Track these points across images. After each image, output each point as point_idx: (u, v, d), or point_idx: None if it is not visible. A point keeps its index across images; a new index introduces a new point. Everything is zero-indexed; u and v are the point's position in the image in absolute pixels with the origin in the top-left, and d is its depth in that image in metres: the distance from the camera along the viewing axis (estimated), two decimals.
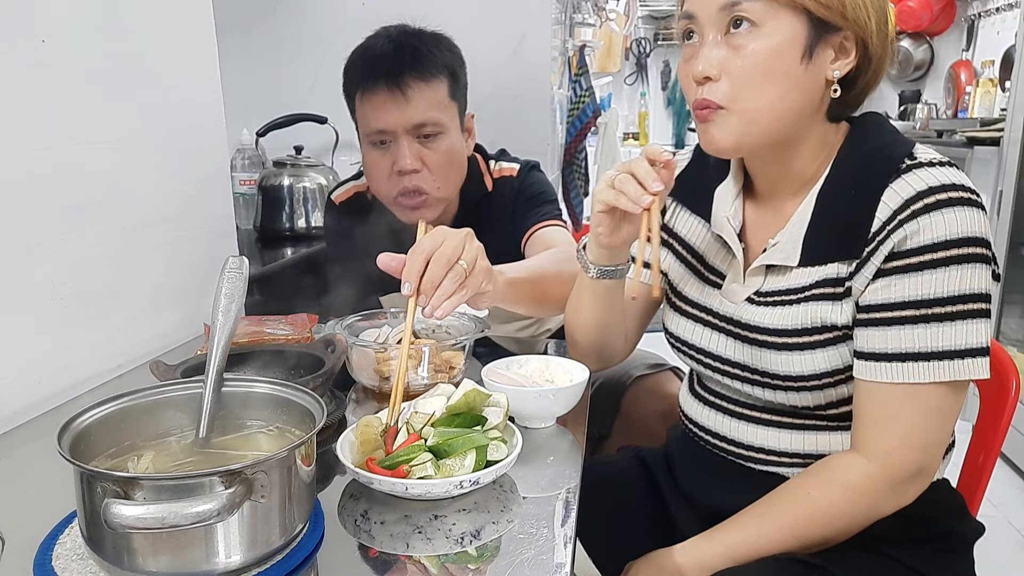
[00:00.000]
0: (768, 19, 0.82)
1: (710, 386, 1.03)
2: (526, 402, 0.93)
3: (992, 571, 2.03)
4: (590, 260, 1.01)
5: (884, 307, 0.82)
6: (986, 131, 3.03)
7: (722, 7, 0.83)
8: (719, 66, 0.84)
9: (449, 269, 0.90)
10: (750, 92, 0.84)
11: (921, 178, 0.82)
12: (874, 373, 0.83)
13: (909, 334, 0.81)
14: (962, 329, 0.80)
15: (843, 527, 0.87)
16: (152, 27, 1.21)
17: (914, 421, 0.82)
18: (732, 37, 0.84)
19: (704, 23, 0.85)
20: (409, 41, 1.33)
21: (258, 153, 2.10)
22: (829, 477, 0.86)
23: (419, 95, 1.30)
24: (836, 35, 0.84)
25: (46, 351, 1.03)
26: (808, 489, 0.87)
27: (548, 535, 0.73)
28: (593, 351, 1.10)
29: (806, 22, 0.82)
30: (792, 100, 0.85)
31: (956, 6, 4.57)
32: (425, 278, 0.89)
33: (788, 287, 0.90)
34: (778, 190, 0.94)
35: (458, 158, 1.38)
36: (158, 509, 0.57)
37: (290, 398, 0.75)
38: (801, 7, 0.82)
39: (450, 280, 0.90)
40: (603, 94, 4.96)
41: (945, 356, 0.80)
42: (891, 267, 0.81)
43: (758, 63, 0.83)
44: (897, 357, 0.81)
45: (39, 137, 1.00)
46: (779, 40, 0.82)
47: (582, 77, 3.08)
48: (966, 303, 0.79)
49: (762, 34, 0.82)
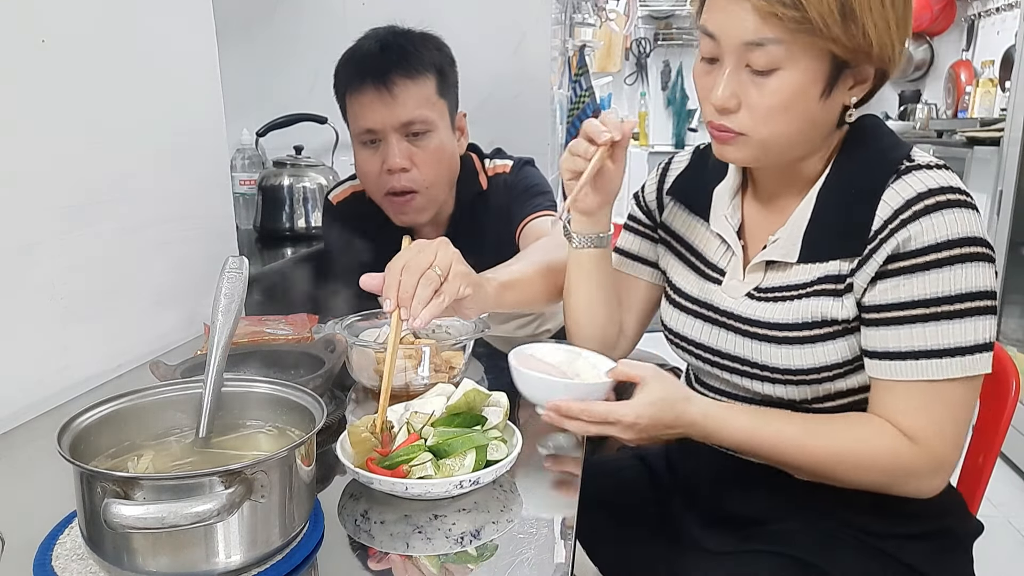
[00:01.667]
0: (790, 61, 0.82)
1: (707, 382, 1.03)
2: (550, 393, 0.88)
3: (992, 571, 2.02)
4: (573, 230, 1.04)
5: (894, 307, 0.83)
6: (986, 131, 3.04)
7: (746, 43, 0.82)
8: (739, 97, 0.85)
9: (421, 276, 0.89)
10: (769, 127, 0.85)
11: (920, 180, 0.83)
12: (890, 371, 0.84)
13: (920, 332, 0.82)
14: (971, 325, 0.81)
15: (865, 480, 0.87)
16: (152, 27, 1.21)
17: (944, 413, 0.83)
18: (754, 72, 0.83)
19: (726, 50, 0.84)
20: (396, 40, 1.34)
21: (258, 153, 2.10)
22: (883, 433, 0.85)
23: (406, 93, 1.30)
24: (857, 68, 0.85)
25: (46, 351, 1.03)
26: (857, 433, 0.86)
27: (548, 535, 0.73)
28: (592, 338, 1.10)
29: (829, 61, 0.82)
30: (809, 131, 0.87)
31: (956, 6, 4.57)
32: (400, 289, 0.89)
33: (788, 283, 0.91)
34: (779, 190, 0.96)
35: (448, 156, 1.38)
36: (158, 509, 0.57)
37: (290, 398, 0.75)
38: (827, 51, 0.81)
39: (423, 287, 0.88)
40: (603, 94, 4.96)
41: (956, 352, 0.81)
42: (896, 268, 0.83)
43: (778, 102, 0.83)
44: (911, 355, 0.82)
45: (39, 137, 1.00)
46: (801, 80, 0.82)
47: (582, 77, 3.08)
48: (973, 300, 0.81)
49: (784, 74, 0.82)
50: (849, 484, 0.88)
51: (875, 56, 0.83)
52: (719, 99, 0.85)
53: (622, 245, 1.14)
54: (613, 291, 1.09)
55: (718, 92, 0.85)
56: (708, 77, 0.88)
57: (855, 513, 0.92)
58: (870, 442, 0.85)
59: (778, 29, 0.80)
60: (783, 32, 0.80)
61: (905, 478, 0.86)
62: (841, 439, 0.86)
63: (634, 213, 1.13)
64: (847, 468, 0.87)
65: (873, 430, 0.85)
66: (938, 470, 0.85)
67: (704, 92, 0.89)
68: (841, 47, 0.81)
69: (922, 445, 0.83)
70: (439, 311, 0.90)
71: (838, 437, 0.86)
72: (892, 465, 0.85)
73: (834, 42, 0.80)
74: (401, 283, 0.89)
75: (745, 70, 0.84)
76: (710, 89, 0.87)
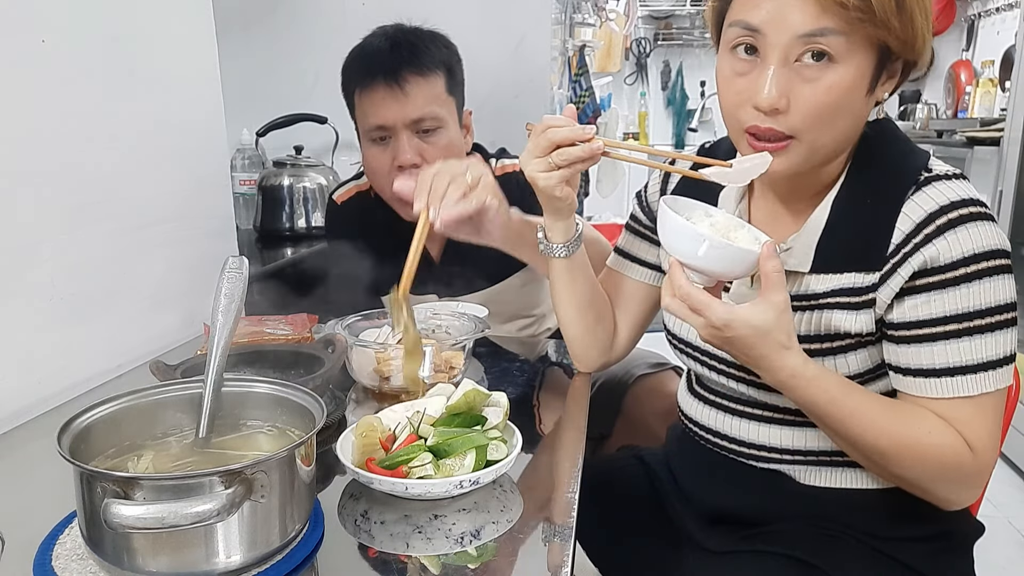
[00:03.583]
0: (846, 55, 0.78)
1: (710, 385, 1.02)
2: (692, 244, 0.80)
3: (992, 571, 2.03)
4: (555, 241, 1.01)
5: (925, 323, 0.81)
6: (986, 131, 3.04)
7: (801, 35, 0.77)
8: (787, 97, 0.79)
9: (452, 179, 0.96)
10: (820, 126, 0.80)
11: (941, 192, 0.82)
12: (923, 389, 0.83)
13: (955, 348, 0.80)
14: (1001, 338, 0.80)
15: (919, 474, 0.84)
16: (152, 27, 1.21)
17: (989, 424, 0.82)
18: (805, 67, 0.79)
19: (774, 44, 0.79)
20: (406, 38, 1.34)
21: (258, 153, 2.10)
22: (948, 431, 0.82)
23: (417, 90, 1.31)
24: (895, 62, 0.83)
25: (46, 351, 1.03)
26: (930, 427, 0.82)
27: (548, 535, 0.73)
28: (591, 342, 1.09)
29: (877, 55, 0.80)
30: (851, 131, 0.85)
31: (956, 6, 4.57)
32: (431, 190, 0.96)
33: (800, 293, 0.88)
34: (792, 195, 0.92)
35: (457, 153, 1.38)
36: (158, 509, 0.57)
37: (290, 398, 0.75)
38: (879, 42, 0.79)
39: (454, 189, 0.95)
40: (603, 94, 4.97)
41: (990, 367, 0.80)
42: (925, 283, 0.81)
43: (833, 100, 0.79)
44: (946, 372, 0.81)
45: (39, 137, 1.00)
46: (854, 75, 0.79)
47: (582, 77, 3.09)
48: (1001, 313, 0.80)
49: (839, 68, 0.78)
50: (899, 475, 0.85)
51: (918, 48, 0.81)
52: (769, 99, 0.79)
53: (622, 245, 1.13)
54: (598, 292, 1.08)
55: (765, 92, 0.79)
56: (744, 79, 0.82)
57: (856, 514, 0.92)
58: (939, 436, 0.82)
59: (840, 19, 0.76)
60: (844, 22, 0.76)
61: (958, 482, 0.84)
62: (916, 428, 0.82)
63: (636, 213, 1.12)
64: (911, 457, 0.82)
65: (941, 425, 0.82)
66: (984, 481, 0.84)
67: (741, 95, 0.82)
68: (895, 38, 0.78)
69: (978, 454, 0.82)
70: (465, 212, 0.96)
71: (913, 425, 0.82)
72: (954, 464, 0.82)
73: (890, 32, 0.77)
74: (433, 184, 0.96)
75: (794, 66, 0.79)
76: (752, 91, 0.81)
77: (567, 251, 1.02)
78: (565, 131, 0.90)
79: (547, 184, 0.93)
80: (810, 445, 0.92)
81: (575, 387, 1.13)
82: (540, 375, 1.20)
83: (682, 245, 0.81)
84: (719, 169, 0.86)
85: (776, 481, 0.95)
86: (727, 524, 0.99)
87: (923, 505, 0.87)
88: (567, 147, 0.90)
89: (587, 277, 1.06)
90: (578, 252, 1.03)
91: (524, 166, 0.95)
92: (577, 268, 1.04)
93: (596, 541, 1.12)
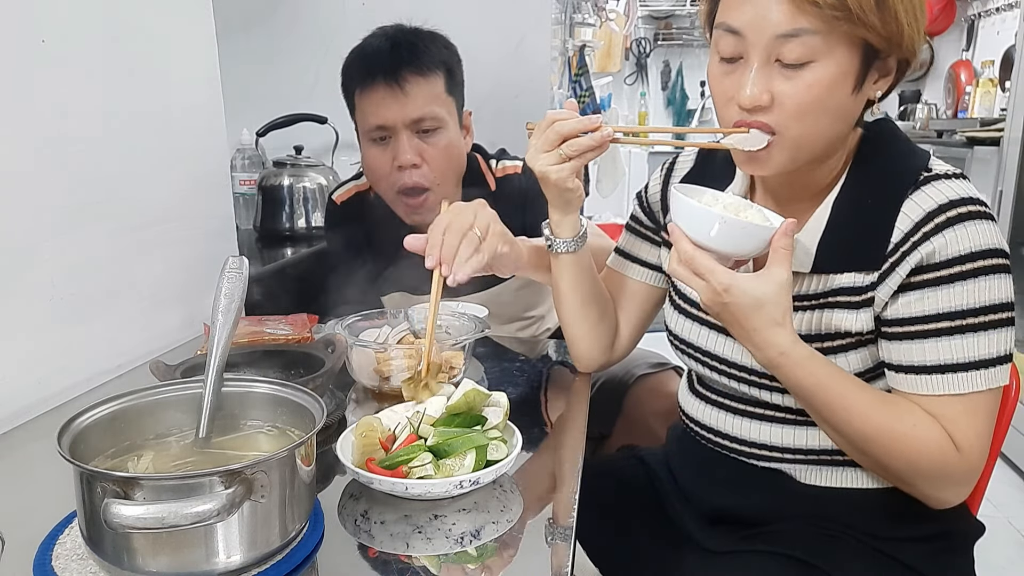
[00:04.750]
0: (825, 53, 0.79)
1: (711, 386, 1.02)
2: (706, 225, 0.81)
3: (992, 571, 2.03)
4: (562, 237, 1.02)
5: (918, 320, 0.82)
6: (986, 131, 3.04)
7: (779, 36, 0.79)
8: (770, 93, 0.81)
9: (463, 237, 0.96)
10: (802, 123, 0.81)
11: (940, 191, 0.82)
12: (914, 385, 0.83)
13: (946, 345, 0.81)
14: (995, 338, 0.80)
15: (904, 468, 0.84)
16: (152, 27, 1.21)
17: (978, 424, 0.82)
18: (785, 66, 0.80)
19: (754, 44, 0.80)
20: (406, 38, 1.35)
21: (258, 153, 2.10)
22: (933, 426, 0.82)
23: (417, 90, 1.31)
24: (885, 60, 0.83)
25: (46, 351, 1.02)
26: (915, 421, 0.82)
27: (548, 535, 0.73)
28: (593, 341, 1.09)
29: (860, 53, 0.80)
30: (839, 128, 0.85)
31: (956, 6, 4.57)
32: (443, 248, 0.96)
33: (800, 293, 0.89)
34: (791, 196, 0.93)
35: (457, 153, 1.38)
36: (158, 509, 0.57)
37: (290, 398, 0.75)
38: (861, 40, 0.79)
39: (466, 246, 0.96)
40: (603, 94, 4.96)
41: (982, 365, 0.80)
42: (920, 280, 0.81)
43: (813, 97, 0.80)
44: (937, 369, 0.81)
45: (39, 137, 1.00)
46: (834, 73, 0.79)
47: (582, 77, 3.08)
48: (996, 312, 0.80)
49: (818, 67, 0.79)
50: (884, 465, 0.85)
51: (904, 44, 0.81)
52: (750, 96, 0.81)
53: (622, 246, 1.13)
54: (601, 289, 1.09)
55: (747, 90, 0.81)
56: (729, 78, 0.84)
57: (856, 513, 0.92)
58: (923, 431, 0.82)
59: (815, 18, 0.77)
60: (820, 22, 0.77)
61: (941, 479, 0.84)
62: (902, 420, 0.82)
63: (636, 213, 1.12)
64: (896, 449, 0.83)
65: (927, 420, 0.82)
66: (971, 481, 0.84)
67: (727, 94, 0.84)
68: (876, 35, 0.78)
69: (964, 453, 0.82)
70: (479, 267, 0.97)
71: (900, 417, 0.83)
72: (939, 461, 0.82)
73: (869, 30, 0.78)
74: (444, 242, 0.96)
75: (775, 65, 0.81)
76: (735, 89, 0.83)
77: (575, 246, 1.03)
78: (572, 122, 0.92)
79: (559, 177, 0.94)
80: (811, 444, 0.92)
81: (575, 387, 1.13)
82: (540, 375, 1.20)
83: (696, 226, 0.82)
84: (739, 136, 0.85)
85: (777, 480, 0.95)
86: (727, 524, 0.99)
87: (923, 505, 0.87)
88: (576, 138, 0.92)
89: (591, 274, 1.06)
90: (583, 248, 1.04)
91: (532, 163, 0.95)
92: (582, 265, 1.04)
93: (596, 541, 1.12)
